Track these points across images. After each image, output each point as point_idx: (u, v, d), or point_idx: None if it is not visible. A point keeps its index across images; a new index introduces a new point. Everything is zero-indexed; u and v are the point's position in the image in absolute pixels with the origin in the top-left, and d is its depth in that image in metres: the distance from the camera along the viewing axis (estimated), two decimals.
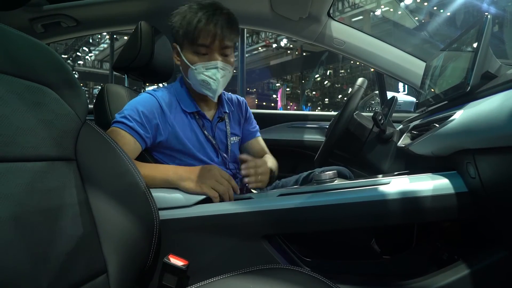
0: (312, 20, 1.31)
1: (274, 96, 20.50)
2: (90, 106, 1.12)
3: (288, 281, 0.54)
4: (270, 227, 0.71)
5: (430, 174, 0.71)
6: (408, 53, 1.34)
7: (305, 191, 0.73)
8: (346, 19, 12.60)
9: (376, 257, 0.94)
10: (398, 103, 1.36)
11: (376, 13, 12.73)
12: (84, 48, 14.34)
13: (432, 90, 0.92)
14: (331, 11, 1.31)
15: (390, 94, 1.63)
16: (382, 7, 12.61)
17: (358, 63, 12.55)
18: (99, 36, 14.19)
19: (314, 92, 19.36)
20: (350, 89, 1.14)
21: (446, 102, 0.80)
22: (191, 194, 0.74)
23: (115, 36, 9.56)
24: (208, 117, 0.99)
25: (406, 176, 0.72)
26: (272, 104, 20.14)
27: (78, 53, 14.12)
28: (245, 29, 3.33)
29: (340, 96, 17.59)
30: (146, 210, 0.62)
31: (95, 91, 15.88)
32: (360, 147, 1.17)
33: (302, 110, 14.06)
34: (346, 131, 1.13)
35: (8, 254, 0.39)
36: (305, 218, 0.70)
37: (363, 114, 1.21)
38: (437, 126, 0.72)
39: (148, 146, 0.88)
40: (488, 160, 0.60)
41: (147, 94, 0.92)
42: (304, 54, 17.45)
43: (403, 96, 2.00)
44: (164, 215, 0.68)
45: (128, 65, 1.09)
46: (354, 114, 1.15)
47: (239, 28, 0.92)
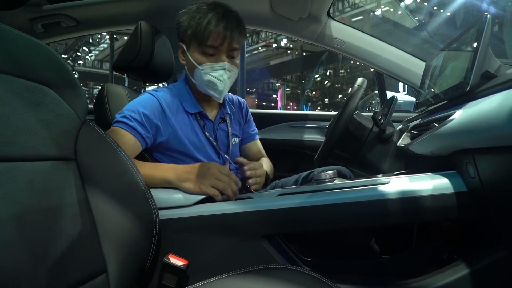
0: (312, 20, 1.31)
1: (274, 96, 20.50)
2: (90, 106, 1.13)
3: (288, 280, 0.54)
4: (269, 226, 0.71)
5: (429, 174, 0.71)
6: (408, 53, 1.34)
7: (304, 190, 0.73)
8: (346, 19, 12.61)
9: (375, 256, 0.94)
10: (398, 103, 1.36)
11: (376, 13, 12.73)
12: (84, 48, 14.34)
13: (432, 90, 0.92)
14: (331, 11, 1.31)
15: (390, 94, 1.63)
16: (382, 7, 12.62)
17: (358, 63, 12.56)
18: (99, 36, 14.19)
19: (314, 92, 19.37)
20: (350, 89, 1.14)
21: (445, 102, 0.80)
22: (192, 194, 0.73)
23: (115, 36, 9.56)
24: (211, 117, 0.99)
25: (406, 175, 0.72)
26: (272, 104, 20.15)
27: (78, 53, 14.12)
28: None
29: (340, 96, 17.59)
30: (145, 210, 0.62)
31: (95, 91, 15.88)
32: (359, 147, 1.17)
33: (302, 110, 14.05)
34: (346, 131, 1.13)
35: (8, 253, 0.39)
36: (304, 217, 0.70)
37: (363, 114, 1.21)
38: (436, 125, 0.72)
39: (148, 146, 0.88)
40: (487, 160, 0.60)
41: (148, 95, 0.91)
42: (304, 54, 17.45)
43: (403, 96, 2.00)
44: (164, 214, 0.68)
45: (128, 65, 1.09)
46: (354, 114, 1.15)
47: (246, 30, 0.93)
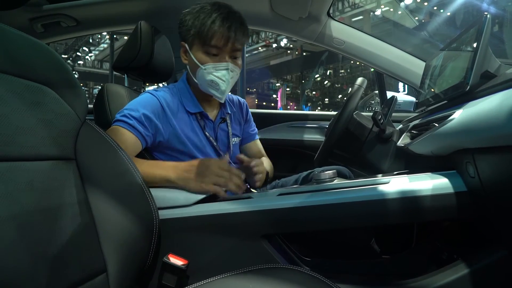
0: (312, 20, 1.31)
1: (274, 96, 20.50)
2: (90, 106, 1.13)
3: (287, 280, 0.54)
4: (269, 226, 0.71)
5: (429, 174, 0.71)
6: (408, 53, 1.34)
7: (304, 190, 0.73)
8: (346, 19, 12.61)
9: (375, 256, 0.94)
10: (397, 102, 1.36)
11: (376, 13, 12.73)
12: (84, 48, 14.34)
13: (432, 90, 0.92)
14: (331, 11, 1.31)
15: (390, 94, 1.63)
16: (382, 7, 12.62)
17: (358, 63, 12.57)
18: (99, 36, 14.19)
19: (314, 92, 19.37)
20: (350, 89, 1.14)
21: (445, 102, 0.80)
22: (194, 193, 0.73)
23: (115, 36, 9.56)
24: (211, 117, 0.99)
25: (406, 175, 0.72)
26: (272, 104, 20.14)
27: (78, 53, 14.12)
28: None
29: (340, 96, 17.59)
30: (145, 209, 0.62)
31: (95, 91, 15.88)
32: (359, 147, 1.17)
33: (302, 110, 14.05)
34: (345, 130, 1.13)
35: (7, 253, 0.39)
36: (304, 217, 0.70)
37: (362, 113, 1.22)
38: (436, 125, 0.72)
39: (148, 145, 0.88)
40: (487, 160, 0.60)
41: (148, 94, 0.91)
42: (304, 54, 17.45)
43: (402, 95, 2.00)
44: (163, 214, 0.68)
45: (128, 64, 1.09)
46: (354, 113, 1.15)
47: (249, 31, 0.93)
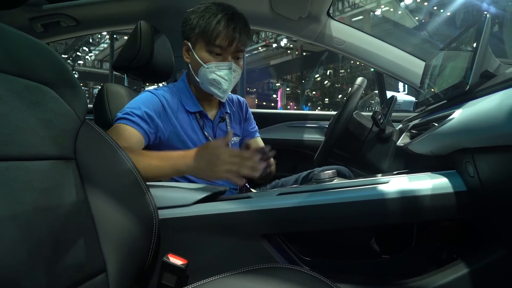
0: (312, 19, 1.31)
1: (274, 96, 20.49)
2: (90, 106, 1.13)
3: (287, 280, 0.54)
4: (269, 226, 0.71)
5: (429, 173, 0.71)
6: (408, 52, 1.34)
7: (304, 190, 0.73)
8: (346, 19, 12.60)
9: (375, 256, 0.94)
10: (397, 102, 1.36)
11: (376, 13, 12.73)
12: (84, 48, 14.34)
13: (432, 90, 0.92)
14: (330, 11, 1.31)
15: (389, 94, 1.63)
16: (382, 7, 12.61)
17: (358, 63, 12.57)
18: (99, 36, 14.19)
19: (314, 92, 19.36)
20: (350, 88, 1.14)
21: (445, 101, 0.80)
22: (194, 193, 0.72)
23: (115, 35, 9.57)
24: (210, 117, 0.99)
25: (405, 175, 0.72)
26: (272, 104, 20.13)
27: (78, 53, 14.13)
28: None
29: (340, 96, 17.59)
30: (145, 209, 0.62)
31: (95, 91, 15.87)
32: (359, 147, 1.17)
33: (302, 110, 14.05)
34: (345, 130, 1.13)
35: (7, 252, 0.39)
36: (304, 217, 0.70)
37: (362, 113, 1.22)
38: (436, 125, 0.72)
39: (150, 142, 0.88)
40: (487, 159, 0.60)
41: (149, 93, 0.92)
42: (304, 54, 17.44)
43: (402, 95, 2.00)
44: (163, 214, 0.68)
45: (127, 64, 1.09)
46: (354, 113, 1.15)
47: (252, 33, 0.94)
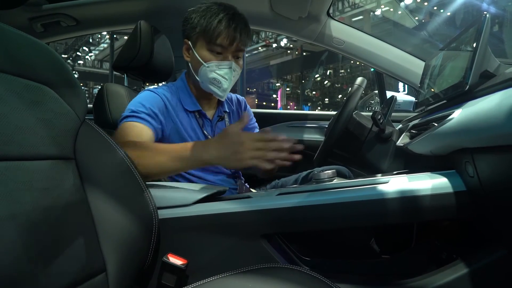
0: (312, 19, 1.31)
1: (274, 96, 20.49)
2: (90, 106, 1.13)
3: (287, 280, 0.54)
4: (269, 226, 0.71)
5: (429, 173, 0.71)
6: (407, 52, 1.34)
7: (304, 190, 0.73)
8: (346, 19, 12.60)
9: (375, 256, 0.94)
10: (397, 102, 1.36)
11: (376, 13, 12.73)
12: (84, 48, 14.35)
13: (431, 90, 0.92)
14: (330, 11, 1.31)
15: (389, 94, 1.63)
16: (382, 7, 12.61)
17: (358, 63, 12.57)
18: (99, 36, 14.19)
19: (314, 92, 19.36)
20: (350, 88, 1.14)
21: (445, 101, 0.80)
22: (197, 193, 0.70)
23: (115, 35, 9.57)
24: (209, 116, 0.99)
25: (405, 175, 0.72)
26: (272, 104, 20.13)
27: (78, 52, 14.13)
28: None
29: (340, 96, 17.59)
30: (145, 209, 0.62)
31: (95, 91, 15.87)
32: (359, 147, 1.17)
33: (302, 110, 14.03)
34: (345, 130, 1.13)
35: (7, 252, 0.39)
36: (304, 217, 0.70)
37: (362, 113, 1.22)
38: (435, 125, 0.72)
39: (157, 138, 0.88)
40: (486, 159, 0.60)
41: (149, 92, 0.92)
42: (304, 54, 17.44)
43: (402, 95, 2.00)
44: (163, 214, 0.68)
45: (127, 64, 1.09)
46: (354, 113, 1.15)
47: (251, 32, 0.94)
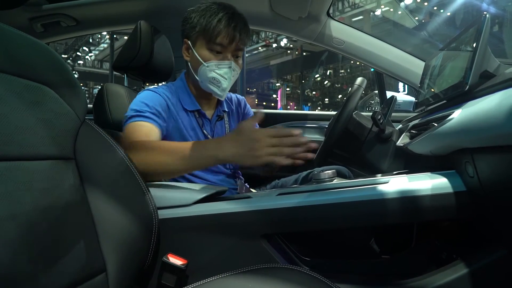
0: (312, 19, 1.31)
1: (274, 96, 20.49)
2: (90, 106, 1.13)
3: (287, 280, 0.54)
4: (269, 226, 0.71)
5: (428, 173, 0.71)
6: (407, 52, 1.34)
7: (304, 190, 0.73)
8: (346, 19, 12.60)
9: (375, 256, 0.94)
10: (397, 102, 1.36)
11: (376, 13, 12.73)
12: (84, 48, 14.35)
13: (431, 90, 0.92)
14: (330, 11, 1.31)
15: (389, 94, 1.63)
16: (382, 7, 12.61)
17: (358, 63, 12.57)
18: (99, 36, 14.19)
19: (314, 92, 19.37)
20: (350, 88, 1.14)
21: (444, 101, 0.80)
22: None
23: (115, 35, 9.56)
24: (208, 116, 0.99)
25: (405, 175, 0.72)
26: (272, 104, 20.12)
27: (78, 53, 14.13)
28: None
29: (340, 96, 17.59)
30: (145, 209, 0.62)
31: (95, 91, 15.87)
32: (359, 147, 1.17)
33: (302, 110, 14.03)
34: (345, 130, 1.13)
35: (6, 252, 0.39)
36: (304, 217, 0.70)
37: (362, 113, 1.22)
38: (435, 125, 0.72)
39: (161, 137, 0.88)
40: (486, 159, 0.60)
41: (149, 91, 0.92)
42: (304, 54, 17.44)
43: (402, 95, 2.00)
44: (163, 214, 0.68)
45: (127, 64, 1.09)
46: (354, 113, 1.15)
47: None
